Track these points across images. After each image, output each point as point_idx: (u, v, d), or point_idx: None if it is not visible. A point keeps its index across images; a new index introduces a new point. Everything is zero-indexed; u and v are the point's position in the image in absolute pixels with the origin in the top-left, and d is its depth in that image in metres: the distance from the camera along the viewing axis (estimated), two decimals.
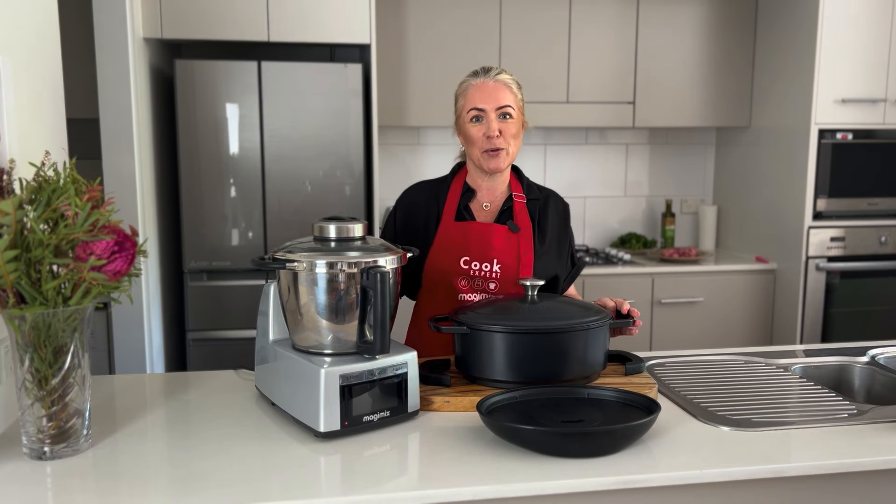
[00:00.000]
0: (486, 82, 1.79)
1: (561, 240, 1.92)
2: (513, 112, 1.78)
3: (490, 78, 1.80)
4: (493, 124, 1.76)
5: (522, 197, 1.87)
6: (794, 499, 1.29)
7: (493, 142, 1.76)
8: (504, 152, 1.78)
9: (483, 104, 1.77)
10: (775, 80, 3.56)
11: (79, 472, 1.20)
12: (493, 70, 1.82)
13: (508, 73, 1.83)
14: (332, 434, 1.31)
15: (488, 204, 1.86)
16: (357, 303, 1.37)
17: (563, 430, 1.28)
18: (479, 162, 1.80)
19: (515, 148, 1.81)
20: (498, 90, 1.78)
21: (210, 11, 2.95)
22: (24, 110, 1.48)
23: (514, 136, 1.79)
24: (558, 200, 1.94)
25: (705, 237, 3.99)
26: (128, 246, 1.23)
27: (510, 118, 1.78)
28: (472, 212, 1.85)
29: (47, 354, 1.21)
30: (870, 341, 2.01)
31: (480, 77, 1.81)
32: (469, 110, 1.79)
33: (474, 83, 1.80)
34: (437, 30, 3.47)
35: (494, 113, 1.77)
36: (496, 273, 1.78)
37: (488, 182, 1.85)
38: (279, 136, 3.05)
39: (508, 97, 1.78)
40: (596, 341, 1.53)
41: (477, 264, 1.79)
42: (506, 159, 1.79)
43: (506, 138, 1.77)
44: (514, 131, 1.79)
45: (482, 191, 1.86)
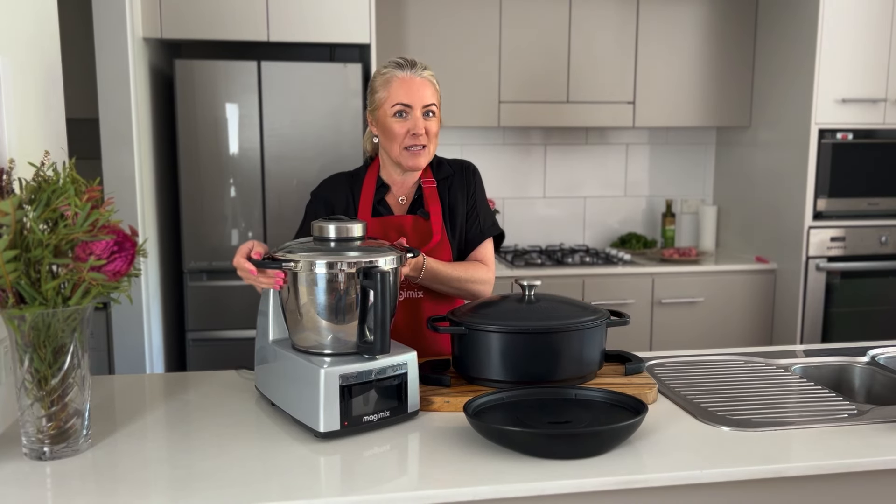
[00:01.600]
0: (413, 78, 1.73)
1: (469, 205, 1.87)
2: (436, 111, 1.76)
3: (417, 73, 1.74)
4: (419, 122, 1.73)
5: (431, 182, 1.84)
6: (794, 499, 1.29)
7: (419, 139, 1.73)
8: (426, 150, 1.76)
9: (409, 101, 1.72)
10: (775, 80, 3.56)
11: (78, 473, 1.20)
12: (419, 65, 1.76)
13: (430, 68, 1.80)
14: (332, 434, 1.31)
15: (404, 198, 1.84)
16: (357, 303, 1.37)
17: (550, 431, 1.28)
18: (398, 158, 1.76)
19: (435, 146, 1.79)
20: (424, 87, 1.74)
21: (210, 11, 2.95)
22: (24, 110, 1.48)
23: (436, 134, 1.77)
24: (465, 171, 1.88)
25: (705, 237, 3.99)
26: (127, 246, 1.23)
27: (433, 116, 1.76)
28: (388, 206, 1.84)
29: (47, 354, 1.21)
30: (870, 341, 2.00)
31: (406, 70, 1.74)
32: (394, 105, 1.72)
33: (399, 76, 1.73)
34: (437, 30, 3.47)
35: (420, 110, 1.73)
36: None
37: (402, 177, 1.83)
38: (279, 136, 3.05)
39: (434, 95, 1.76)
40: (592, 341, 1.53)
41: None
42: (426, 158, 1.77)
43: (429, 136, 1.75)
44: (436, 130, 1.77)
45: (396, 184, 1.84)
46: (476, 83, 3.53)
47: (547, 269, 3.42)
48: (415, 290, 1.80)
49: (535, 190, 3.98)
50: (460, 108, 3.52)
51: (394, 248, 1.48)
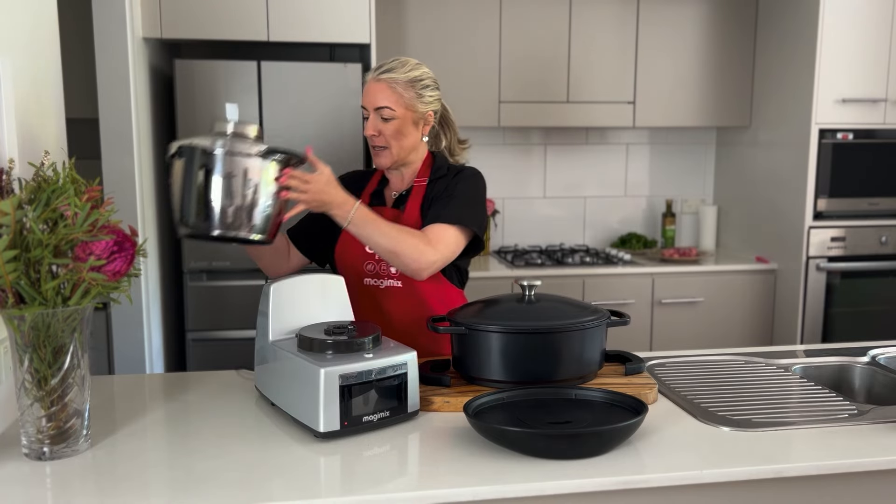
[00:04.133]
0: (370, 82, 1.80)
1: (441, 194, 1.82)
2: (391, 113, 1.76)
3: (373, 77, 1.79)
4: (370, 123, 1.78)
5: (423, 181, 1.86)
6: (794, 499, 1.29)
7: (374, 139, 1.79)
8: (387, 151, 1.80)
9: (365, 103, 1.80)
10: (775, 79, 3.56)
11: (78, 473, 1.20)
12: (381, 68, 1.80)
13: (403, 69, 1.79)
14: (332, 434, 1.31)
15: (397, 192, 1.89)
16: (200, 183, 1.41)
17: (550, 431, 1.28)
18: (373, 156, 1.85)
19: (400, 147, 1.80)
20: (378, 91, 1.77)
21: (210, 11, 2.95)
22: (24, 110, 1.48)
23: (393, 135, 1.78)
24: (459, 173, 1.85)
25: (705, 237, 3.99)
26: (127, 246, 1.23)
27: (389, 120, 1.77)
28: (382, 198, 1.90)
29: (47, 355, 1.21)
30: (870, 341, 2.01)
31: (369, 75, 1.81)
32: (362, 107, 1.82)
33: (365, 81, 1.82)
34: (437, 30, 3.47)
35: (374, 113, 1.78)
36: None
37: (396, 172, 1.89)
38: (279, 136, 3.05)
39: (388, 98, 1.76)
40: (593, 341, 1.53)
41: None
42: (389, 158, 1.80)
43: (385, 138, 1.78)
44: (393, 131, 1.77)
45: (393, 180, 1.91)
46: (476, 83, 3.53)
47: (547, 269, 3.42)
48: (394, 278, 1.80)
49: (535, 190, 3.98)
50: (460, 108, 3.52)
51: (286, 152, 1.49)
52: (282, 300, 1.49)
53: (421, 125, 1.83)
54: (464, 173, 1.86)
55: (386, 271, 1.80)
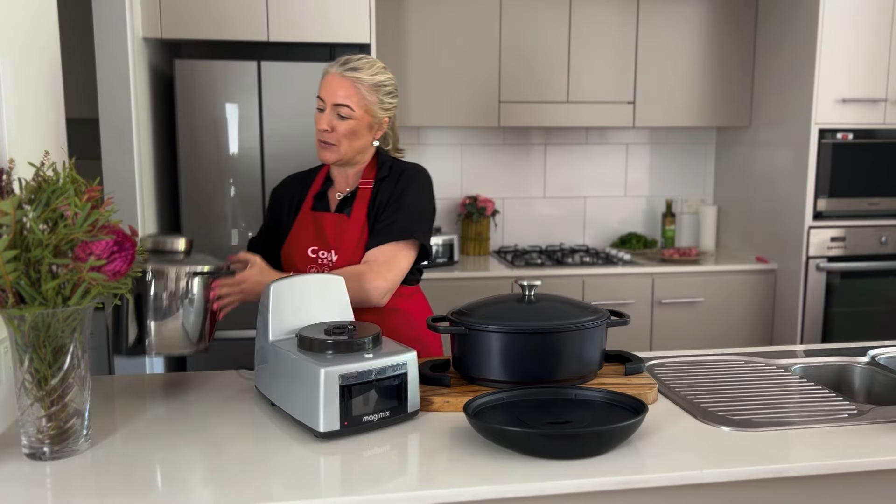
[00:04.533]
0: (334, 75, 1.74)
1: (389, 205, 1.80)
2: (350, 113, 1.72)
3: (339, 71, 1.73)
4: (325, 118, 1.74)
5: (369, 182, 1.82)
6: (794, 499, 1.29)
7: (323, 135, 1.74)
8: (334, 148, 1.75)
9: (324, 95, 1.74)
10: (775, 80, 3.56)
11: (78, 472, 1.20)
12: (349, 62, 1.74)
13: (372, 70, 1.75)
14: (332, 434, 1.31)
15: (341, 193, 1.86)
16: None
17: (550, 431, 1.28)
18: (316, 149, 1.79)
19: (350, 148, 1.76)
20: (341, 87, 1.72)
21: (210, 11, 2.95)
22: (24, 110, 1.48)
23: (346, 135, 1.74)
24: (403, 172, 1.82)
25: (705, 237, 3.99)
26: (127, 246, 1.23)
27: (346, 119, 1.73)
28: (327, 200, 1.87)
29: (47, 355, 1.21)
30: (870, 341, 2.00)
31: (334, 67, 1.75)
32: (317, 96, 1.77)
33: (328, 71, 1.76)
34: (437, 30, 3.47)
35: (331, 108, 1.73)
36: (335, 260, 1.79)
37: (341, 172, 1.85)
38: (279, 136, 3.05)
39: (350, 96, 1.72)
40: (593, 341, 1.53)
41: (324, 253, 1.81)
42: (335, 155, 1.76)
43: (336, 136, 1.74)
44: (347, 131, 1.73)
45: (338, 180, 1.87)
46: (476, 83, 3.53)
47: (547, 269, 3.42)
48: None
49: (535, 190, 3.98)
50: (460, 108, 3.52)
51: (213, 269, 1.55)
52: (282, 300, 1.49)
53: (375, 130, 1.80)
54: (408, 175, 1.81)
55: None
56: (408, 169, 1.84)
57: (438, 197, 3.89)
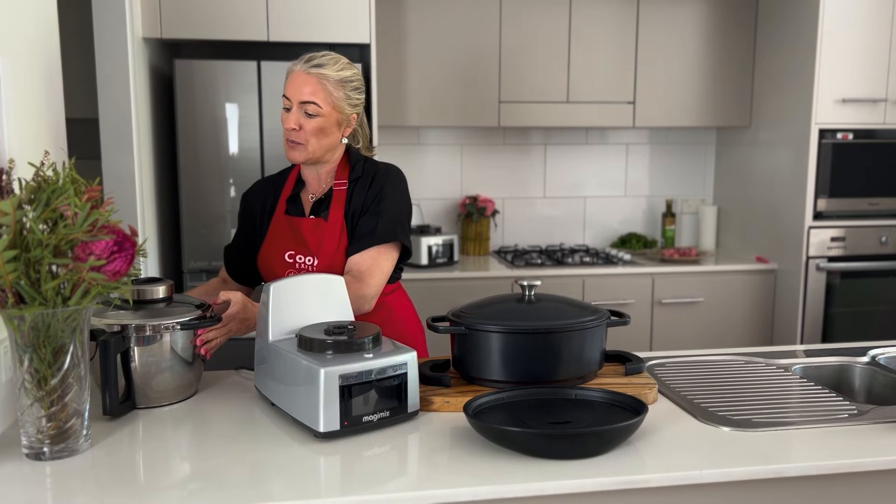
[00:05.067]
0: (299, 72, 1.71)
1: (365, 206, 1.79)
2: (317, 110, 1.71)
3: (306, 67, 1.71)
4: (292, 116, 1.71)
5: (343, 183, 1.81)
6: (794, 499, 1.29)
7: (289, 133, 1.72)
8: (302, 147, 1.73)
9: (289, 94, 1.72)
10: (775, 80, 3.56)
11: (78, 472, 1.20)
12: (313, 59, 1.72)
13: (338, 66, 1.74)
14: (332, 434, 1.31)
15: (314, 195, 1.84)
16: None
17: (550, 431, 1.28)
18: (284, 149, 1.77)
19: (318, 146, 1.74)
20: (307, 84, 1.70)
21: (210, 11, 2.95)
22: (24, 110, 1.48)
23: (315, 133, 1.72)
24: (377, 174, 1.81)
25: (705, 237, 3.99)
26: (127, 246, 1.22)
27: (314, 116, 1.71)
28: (300, 203, 1.84)
29: (46, 355, 1.21)
30: (870, 341, 2.00)
31: (299, 65, 1.72)
32: (282, 96, 1.75)
33: (292, 70, 1.74)
34: (437, 30, 3.47)
35: (298, 106, 1.71)
36: (316, 264, 1.78)
37: (313, 172, 1.83)
38: (279, 136, 3.05)
39: (316, 93, 1.70)
40: (593, 341, 1.53)
41: (301, 258, 1.79)
42: (303, 154, 1.74)
43: (304, 134, 1.72)
44: (315, 128, 1.72)
45: (310, 181, 1.85)
46: (476, 83, 3.53)
47: (547, 269, 3.42)
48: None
49: (535, 190, 3.98)
50: (460, 108, 3.52)
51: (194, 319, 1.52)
52: (282, 300, 1.49)
53: (343, 126, 1.78)
54: (381, 176, 1.80)
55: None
56: (381, 169, 1.82)
57: (438, 197, 3.89)
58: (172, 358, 1.49)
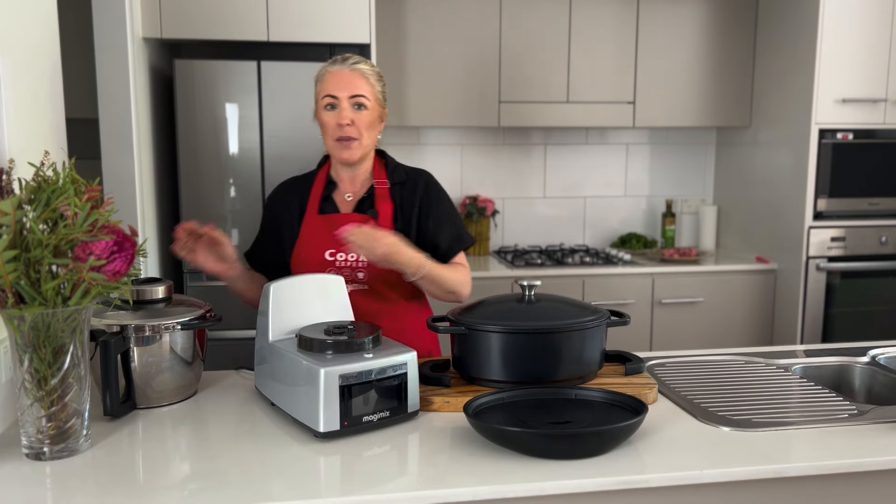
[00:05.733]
0: (342, 70, 1.76)
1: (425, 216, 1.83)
2: (367, 103, 1.75)
3: (346, 66, 1.76)
4: (345, 112, 1.73)
5: (384, 183, 1.83)
6: (794, 499, 1.29)
7: (345, 130, 1.73)
8: (356, 143, 1.75)
9: (337, 91, 1.74)
10: (775, 80, 3.56)
11: (78, 472, 1.20)
12: (351, 58, 1.78)
13: (369, 63, 1.80)
14: (332, 434, 1.31)
15: (351, 194, 1.84)
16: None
17: (550, 431, 1.28)
18: (331, 151, 1.79)
19: (370, 140, 1.78)
20: (353, 79, 1.74)
21: (210, 11, 2.95)
22: (24, 110, 1.48)
23: (367, 126, 1.76)
24: (425, 179, 1.88)
25: (705, 237, 3.99)
26: (127, 246, 1.22)
27: (364, 109, 1.75)
28: (335, 203, 1.84)
29: (46, 355, 1.21)
30: (870, 341, 2.00)
31: (338, 65, 1.77)
32: (324, 97, 1.75)
33: (331, 70, 1.77)
34: (437, 30, 3.47)
35: (348, 101, 1.73)
36: (363, 262, 1.77)
37: (349, 172, 1.84)
38: (279, 136, 3.05)
39: (363, 87, 1.75)
40: (593, 341, 1.53)
41: (342, 255, 1.78)
42: (358, 150, 1.76)
43: (358, 128, 1.74)
44: (368, 122, 1.76)
45: (344, 182, 1.85)
46: (476, 83, 3.53)
47: (547, 269, 3.42)
48: (359, 283, 1.78)
49: (535, 190, 3.98)
50: (460, 108, 3.52)
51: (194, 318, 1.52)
52: (282, 300, 1.49)
53: (380, 122, 1.82)
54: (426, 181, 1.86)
55: (350, 277, 1.77)
56: (422, 174, 1.88)
57: None
58: (172, 358, 1.49)
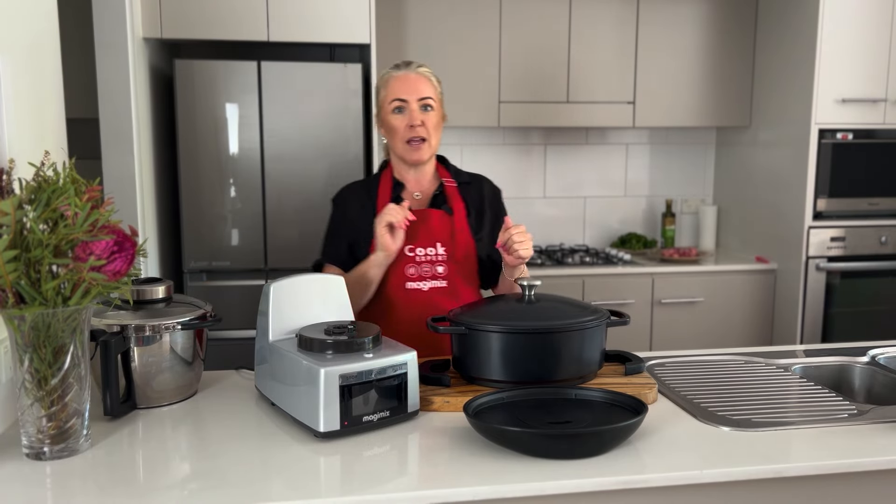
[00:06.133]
0: (407, 74, 1.84)
1: (496, 222, 1.91)
2: (433, 104, 1.84)
3: (411, 70, 1.85)
4: (415, 114, 1.81)
5: (453, 182, 1.92)
6: (794, 499, 1.29)
7: (416, 130, 1.81)
8: (426, 143, 1.83)
9: (405, 95, 1.81)
10: (775, 80, 3.56)
11: (78, 472, 1.20)
12: (413, 63, 1.87)
13: (427, 66, 1.89)
14: (332, 434, 1.31)
15: (419, 193, 1.90)
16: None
17: (550, 431, 1.28)
18: (401, 153, 1.85)
19: (436, 140, 1.86)
20: (419, 82, 1.83)
21: (210, 11, 2.95)
22: (24, 110, 1.48)
23: (434, 127, 1.84)
24: (490, 184, 2.00)
25: (705, 237, 3.99)
26: (127, 246, 1.23)
27: (431, 109, 1.83)
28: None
29: (47, 355, 1.21)
30: (870, 341, 2.00)
31: (402, 69, 1.85)
32: (391, 101, 1.83)
33: (396, 75, 1.85)
34: (437, 30, 3.47)
35: (416, 104, 1.81)
36: (441, 255, 1.83)
37: (414, 174, 1.90)
38: (279, 136, 3.05)
39: (429, 89, 1.84)
40: (592, 341, 1.53)
41: (422, 250, 1.83)
42: (428, 150, 1.84)
43: (427, 129, 1.82)
44: (435, 123, 1.84)
45: (410, 182, 1.91)
46: (476, 83, 3.53)
47: (547, 269, 3.42)
48: (439, 278, 1.82)
49: (535, 190, 3.98)
50: (460, 108, 3.52)
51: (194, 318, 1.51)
52: (282, 300, 1.49)
53: (442, 122, 1.89)
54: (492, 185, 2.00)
55: (430, 272, 1.82)
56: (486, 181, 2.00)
57: None
58: (172, 358, 1.49)
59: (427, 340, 1.70)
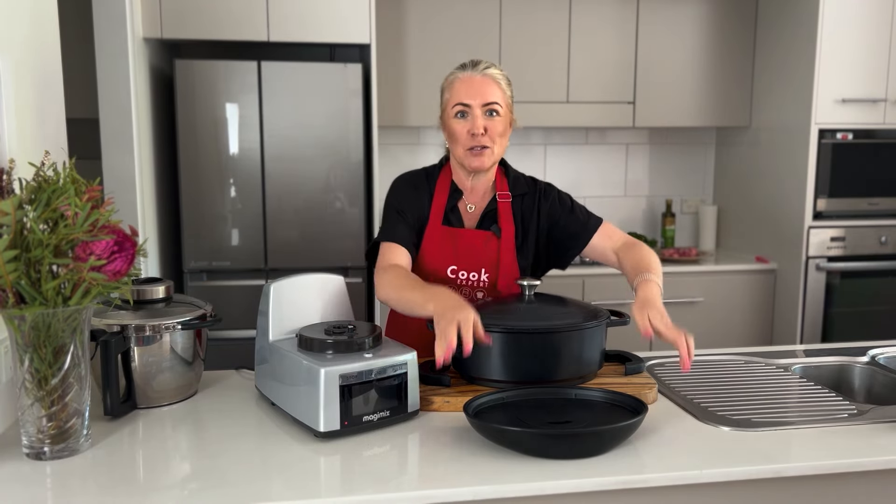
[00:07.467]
0: (473, 76, 1.69)
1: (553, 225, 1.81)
2: (500, 109, 1.68)
3: (478, 72, 1.69)
4: (478, 121, 1.67)
5: (507, 196, 1.79)
6: (794, 499, 1.29)
7: (478, 139, 1.67)
8: (489, 151, 1.69)
9: (469, 99, 1.67)
10: (775, 80, 3.56)
11: (78, 472, 1.20)
12: (481, 63, 1.72)
13: (498, 67, 1.74)
14: (332, 434, 1.31)
15: (473, 206, 1.79)
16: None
17: (550, 431, 1.28)
18: (461, 160, 1.72)
19: (501, 147, 1.72)
20: (485, 85, 1.68)
21: (210, 11, 2.95)
22: (24, 110, 1.48)
23: (500, 134, 1.69)
24: (540, 191, 1.83)
25: (705, 237, 3.99)
26: (127, 246, 1.23)
27: (497, 115, 1.68)
28: (458, 214, 1.79)
29: (47, 354, 1.21)
30: (870, 341, 2.00)
31: (468, 70, 1.71)
32: (454, 105, 1.69)
33: (461, 76, 1.70)
34: (437, 30, 3.47)
35: (480, 109, 1.67)
36: (484, 281, 1.74)
37: (473, 181, 1.77)
38: (279, 136, 3.05)
39: (496, 93, 1.68)
40: (593, 341, 1.53)
41: (465, 273, 1.75)
42: (490, 158, 1.70)
43: (491, 136, 1.68)
44: (501, 130, 1.70)
45: (467, 191, 1.79)
46: None
47: None
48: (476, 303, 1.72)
49: None
50: None
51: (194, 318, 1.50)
52: (282, 300, 1.49)
53: (509, 128, 1.75)
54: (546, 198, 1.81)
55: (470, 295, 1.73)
56: (541, 186, 1.85)
57: None
58: (172, 358, 1.49)
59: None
